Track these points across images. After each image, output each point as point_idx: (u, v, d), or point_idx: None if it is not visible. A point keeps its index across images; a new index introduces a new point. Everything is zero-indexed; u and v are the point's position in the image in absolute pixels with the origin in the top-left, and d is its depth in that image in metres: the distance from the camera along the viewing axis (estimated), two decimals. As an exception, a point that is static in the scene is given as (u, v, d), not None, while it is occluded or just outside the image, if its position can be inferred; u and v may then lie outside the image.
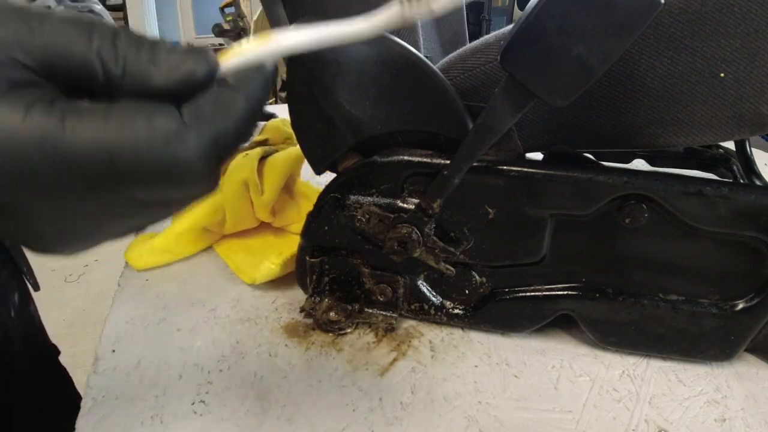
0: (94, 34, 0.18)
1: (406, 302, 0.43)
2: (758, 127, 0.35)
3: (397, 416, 0.35)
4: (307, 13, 0.42)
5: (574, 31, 0.28)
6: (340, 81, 0.37)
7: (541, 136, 0.39)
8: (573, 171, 0.36)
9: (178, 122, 0.18)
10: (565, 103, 0.30)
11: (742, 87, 0.33)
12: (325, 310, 0.43)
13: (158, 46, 0.19)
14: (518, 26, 0.29)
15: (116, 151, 0.17)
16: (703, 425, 0.35)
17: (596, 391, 0.38)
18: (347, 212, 0.40)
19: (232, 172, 0.51)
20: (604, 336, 0.41)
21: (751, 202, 0.35)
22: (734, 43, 0.32)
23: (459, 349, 0.42)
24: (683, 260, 0.38)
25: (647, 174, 0.36)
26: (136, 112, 0.18)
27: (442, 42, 0.64)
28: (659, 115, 0.36)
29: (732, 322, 0.38)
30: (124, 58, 0.18)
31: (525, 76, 0.30)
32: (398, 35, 0.39)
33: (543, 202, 0.37)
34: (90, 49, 0.18)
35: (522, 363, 0.40)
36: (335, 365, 0.40)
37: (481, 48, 0.40)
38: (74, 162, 0.17)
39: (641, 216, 0.37)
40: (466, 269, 0.41)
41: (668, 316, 0.39)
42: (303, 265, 0.43)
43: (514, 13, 4.06)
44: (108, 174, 0.18)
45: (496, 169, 0.37)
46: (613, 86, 0.36)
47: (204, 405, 0.36)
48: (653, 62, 0.34)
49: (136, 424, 0.34)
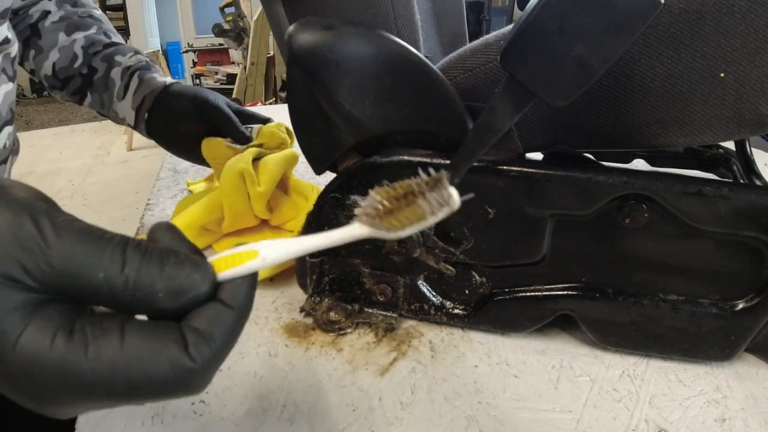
0: (104, 258, 0.20)
1: (406, 302, 0.43)
2: (758, 127, 0.35)
3: (397, 416, 0.35)
4: (306, 13, 0.42)
5: (574, 31, 0.28)
6: (340, 81, 0.37)
7: (541, 136, 0.39)
8: (573, 171, 0.36)
9: (185, 352, 0.20)
10: (565, 103, 0.30)
11: (742, 87, 0.33)
12: (325, 310, 0.43)
13: (165, 264, 0.21)
14: (518, 26, 0.29)
15: (131, 378, 0.20)
16: (703, 425, 0.35)
17: (596, 391, 0.38)
18: (347, 212, 0.40)
19: (229, 167, 0.51)
20: (604, 336, 0.41)
21: (751, 202, 0.35)
22: (734, 43, 0.32)
23: (459, 349, 0.42)
24: (683, 260, 0.38)
25: (647, 174, 0.36)
26: (150, 343, 0.20)
27: (442, 42, 0.64)
28: (659, 115, 0.36)
29: (732, 322, 0.38)
30: (133, 285, 0.20)
31: (525, 76, 0.30)
32: (398, 35, 0.39)
33: (543, 202, 0.37)
34: (98, 277, 0.20)
35: (522, 363, 0.40)
36: (335, 365, 0.40)
37: (481, 48, 0.40)
38: (92, 385, 0.19)
39: (641, 216, 0.37)
40: (466, 269, 0.41)
41: (668, 316, 0.39)
42: (303, 265, 0.43)
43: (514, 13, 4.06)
44: (121, 393, 0.20)
45: (496, 169, 0.37)
46: (613, 86, 0.36)
47: (204, 405, 0.36)
48: (653, 62, 0.34)
49: (136, 424, 0.34)
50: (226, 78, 4.21)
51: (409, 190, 0.23)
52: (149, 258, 0.20)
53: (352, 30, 0.38)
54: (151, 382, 0.20)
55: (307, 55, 0.37)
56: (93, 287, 0.20)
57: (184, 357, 0.20)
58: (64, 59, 0.59)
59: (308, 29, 0.37)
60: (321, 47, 0.37)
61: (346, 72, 0.37)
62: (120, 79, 0.60)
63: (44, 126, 4.43)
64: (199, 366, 0.20)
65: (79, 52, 0.60)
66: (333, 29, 0.37)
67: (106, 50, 0.61)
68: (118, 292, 0.20)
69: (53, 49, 0.59)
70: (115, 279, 0.20)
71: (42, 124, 4.52)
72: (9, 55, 0.45)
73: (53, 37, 0.60)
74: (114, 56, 0.61)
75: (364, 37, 0.38)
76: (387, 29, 0.40)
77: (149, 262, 0.20)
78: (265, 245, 0.23)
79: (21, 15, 0.60)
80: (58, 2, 0.62)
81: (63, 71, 0.60)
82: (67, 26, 0.60)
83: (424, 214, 0.23)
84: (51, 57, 0.59)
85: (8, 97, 0.46)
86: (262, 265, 0.23)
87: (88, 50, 0.60)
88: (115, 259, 0.20)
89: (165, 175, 0.75)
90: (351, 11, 0.41)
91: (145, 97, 0.59)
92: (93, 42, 0.61)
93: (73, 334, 0.19)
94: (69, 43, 0.60)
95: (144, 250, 0.21)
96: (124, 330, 0.20)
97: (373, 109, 0.37)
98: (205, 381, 0.22)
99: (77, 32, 0.60)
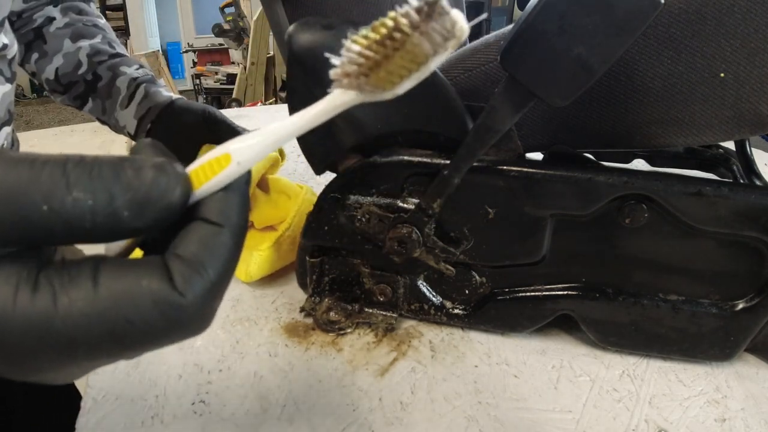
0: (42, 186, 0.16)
1: (406, 302, 0.43)
2: (758, 127, 0.35)
3: (397, 416, 0.35)
4: (306, 13, 0.42)
5: (574, 31, 0.28)
6: (340, 81, 0.37)
7: (541, 136, 0.39)
8: (573, 171, 0.36)
9: (170, 285, 0.17)
10: (565, 103, 0.30)
11: (742, 87, 0.33)
12: (325, 310, 0.43)
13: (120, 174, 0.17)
14: (518, 26, 0.29)
15: (111, 326, 0.17)
16: (703, 425, 0.35)
17: (596, 391, 0.38)
18: (347, 212, 0.40)
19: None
20: (604, 336, 0.41)
21: (751, 202, 0.35)
22: (734, 43, 0.32)
23: (459, 349, 0.42)
24: (683, 260, 0.38)
25: (647, 174, 0.36)
26: (125, 280, 0.17)
27: (442, 42, 0.64)
28: (659, 115, 0.36)
29: (732, 322, 0.38)
30: (89, 210, 0.16)
31: (525, 76, 0.30)
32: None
33: (543, 202, 0.37)
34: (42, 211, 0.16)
35: (522, 363, 0.40)
36: (335, 365, 0.40)
37: (481, 48, 0.40)
38: (69, 342, 0.17)
39: (641, 216, 0.37)
40: (466, 269, 0.41)
41: (668, 316, 0.39)
42: (303, 265, 0.43)
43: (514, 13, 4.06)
44: (104, 345, 0.17)
45: (496, 169, 0.37)
46: (613, 86, 0.36)
47: (204, 405, 0.36)
48: (653, 62, 0.34)
49: (136, 424, 0.34)
50: (226, 78, 4.21)
51: (395, 28, 0.17)
52: (99, 171, 0.17)
53: (353, 30, 0.38)
54: (136, 327, 0.17)
55: (307, 55, 0.37)
56: (41, 225, 0.16)
57: (170, 291, 0.17)
58: (67, 65, 0.60)
59: (308, 29, 0.37)
60: (321, 47, 0.37)
61: (346, 72, 0.36)
62: (125, 89, 0.61)
63: (44, 126, 4.43)
64: (191, 300, 0.17)
65: (84, 59, 0.61)
66: (333, 29, 0.37)
67: (111, 60, 0.62)
68: (72, 222, 0.16)
69: (57, 54, 0.60)
70: (64, 207, 0.16)
71: (42, 124, 4.53)
72: (6, 57, 0.46)
73: (58, 42, 0.60)
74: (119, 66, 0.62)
75: (364, 37, 0.38)
76: (387, 29, 0.40)
77: (100, 176, 0.17)
78: (234, 144, 0.19)
79: (24, 18, 0.60)
80: (63, 10, 0.63)
81: (66, 77, 0.61)
82: (72, 33, 0.61)
83: (424, 54, 0.17)
84: (55, 62, 0.60)
85: (6, 99, 0.47)
86: (239, 170, 0.19)
87: (93, 58, 0.61)
88: (56, 184, 0.16)
89: (165, 175, 0.75)
90: (351, 11, 0.41)
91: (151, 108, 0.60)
92: (98, 51, 0.62)
93: (38, 288, 0.16)
94: (74, 50, 0.61)
95: (90, 164, 0.17)
96: (97, 273, 0.17)
97: (373, 109, 0.37)
98: (202, 319, 0.18)
99: (82, 40, 0.61)
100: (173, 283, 0.17)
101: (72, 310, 0.16)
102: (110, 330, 0.17)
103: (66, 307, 0.16)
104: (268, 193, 0.57)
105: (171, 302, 0.17)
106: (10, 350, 0.17)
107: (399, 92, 0.18)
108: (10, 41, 0.46)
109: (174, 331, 0.18)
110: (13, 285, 0.16)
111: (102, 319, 0.17)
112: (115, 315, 0.17)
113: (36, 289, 0.16)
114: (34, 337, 0.16)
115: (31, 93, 5.42)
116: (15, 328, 0.16)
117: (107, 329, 0.17)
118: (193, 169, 0.19)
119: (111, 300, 0.17)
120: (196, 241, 0.18)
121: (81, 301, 0.17)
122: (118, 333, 0.17)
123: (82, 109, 0.63)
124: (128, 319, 0.17)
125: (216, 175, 0.19)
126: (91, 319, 0.17)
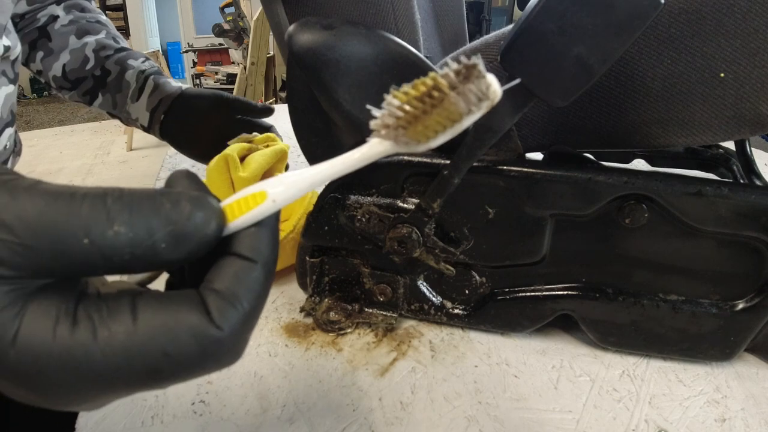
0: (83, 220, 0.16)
1: (406, 302, 0.43)
2: (758, 127, 0.35)
3: (397, 416, 0.35)
4: (306, 13, 0.42)
5: (574, 31, 0.28)
6: (340, 81, 0.37)
7: (541, 136, 0.39)
8: (573, 171, 0.36)
9: (208, 319, 0.18)
10: (565, 103, 0.30)
11: (742, 87, 0.33)
12: (325, 310, 0.43)
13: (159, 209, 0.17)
14: (518, 26, 0.29)
15: (151, 359, 0.17)
16: (703, 425, 0.35)
17: (596, 391, 0.38)
18: (347, 212, 0.40)
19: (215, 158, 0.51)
20: (604, 336, 0.41)
21: (751, 202, 0.35)
22: (734, 43, 0.32)
23: (459, 349, 0.42)
24: (683, 260, 0.38)
25: (647, 174, 0.36)
26: (164, 313, 0.17)
27: (442, 42, 0.64)
28: (659, 115, 0.36)
29: (732, 322, 0.38)
30: (129, 243, 0.17)
31: (525, 76, 0.30)
32: (398, 35, 0.39)
33: (543, 202, 0.37)
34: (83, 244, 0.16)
35: (522, 363, 0.40)
36: (335, 365, 0.40)
37: (481, 48, 0.40)
38: (108, 374, 0.17)
39: (641, 216, 0.37)
40: (466, 269, 0.41)
41: (668, 316, 0.39)
42: (303, 265, 0.43)
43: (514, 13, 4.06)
44: (142, 377, 0.17)
45: (496, 169, 0.37)
46: (613, 86, 0.36)
47: (204, 405, 0.36)
48: (653, 62, 0.34)
49: (136, 424, 0.34)
50: (226, 78, 4.21)
51: (434, 87, 0.18)
52: (139, 205, 0.17)
53: (352, 30, 0.38)
54: (174, 360, 0.17)
55: (307, 55, 0.37)
56: (81, 257, 0.16)
57: (207, 325, 0.17)
58: (74, 61, 0.61)
59: (308, 29, 0.37)
60: (321, 47, 0.37)
61: (346, 72, 0.37)
62: (135, 82, 0.61)
63: (44, 126, 4.43)
64: (228, 333, 0.18)
65: (91, 55, 0.61)
66: (333, 29, 0.37)
67: (118, 54, 0.63)
68: (111, 255, 0.17)
69: (64, 51, 0.61)
70: (104, 240, 0.16)
71: (42, 124, 4.53)
72: (9, 58, 0.46)
73: (64, 39, 0.61)
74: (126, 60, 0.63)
75: (364, 36, 0.38)
76: (387, 29, 0.40)
77: (140, 210, 0.17)
78: (272, 183, 0.20)
79: (28, 18, 0.61)
80: (66, 7, 0.63)
81: (74, 73, 0.61)
82: (77, 30, 0.62)
83: (459, 113, 0.18)
84: (62, 59, 0.61)
85: (9, 99, 0.47)
86: (273, 207, 0.20)
87: (99, 53, 0.62)
88: (97, 217, 0.16)
89: (165, 175, 0.75)
90: (351, 11, 0.41)
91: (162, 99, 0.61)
92: (104, 46, 0.62)
93: (78, 321, 0.17)
94: (80, 46, 0.61)
95: (129, 197, 0.17)
96: (135, 306, 0.17)
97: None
98: (236, 351, 0.19)
99: (88, 36, 0.62)
100: (210, 316, 0.18)
101: (113, 343, 0.17)
102: (149, 362, 0.17)
103: (106, 339, 0.17)
104: None
105: (209, 335, 0.18)
106: (48, 382, 0.17)
107: (432, 146, 0.19)
108: (13, 43, 0.46)
109: (209, 362, 0.18)
110: (53, 317, 0.17)
111: (141, 351, 0.17)
112: (154, 347, 0.17)
113: (76, 321, 0.17)
114: (73, 369, 0.16)
115: (31, 93, 5.42)
116: (54, 361, 0.16)
117: (146, 361, 0.17)
118: (228, 204, 0.20)
119: (150, 333, 0.17)
120: (231, 276, 0.19)
121: (121, 334, 0.17)
122: (156, 365, 0.17)
123: (92, 104, 0.63)
124: (166, 352, 0.17)
125: (250, 210, 0.19)
126: (131, 351, 0.17)
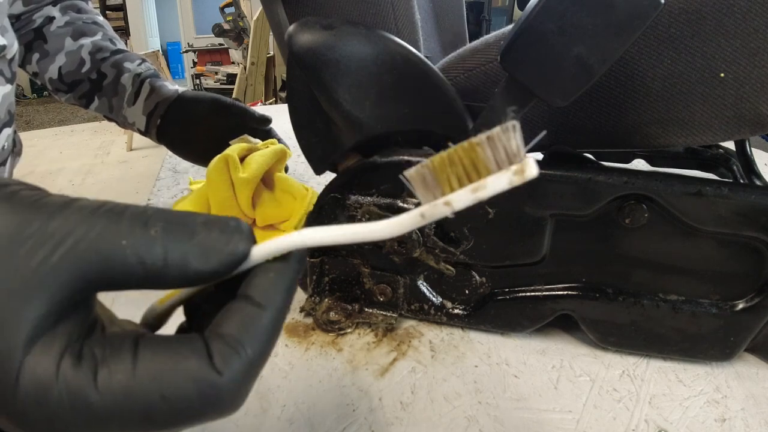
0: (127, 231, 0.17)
1: (406, 302, 0.43)
2: (758, 127, 0.35)
3: (397, 416, 0.35)
4: (306, 13, 0.42)
5: (574, 31, 0.28)
6: (340, 81, 0.37)
7: (541, 136, 0.39)
8: (573, 171, 0.36)
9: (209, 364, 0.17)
10: (565, 103, 0.30)
11: (742, 87, 0.33)
12: (325, 310, 0.43)
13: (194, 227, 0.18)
14: (518, 26, 0.29)
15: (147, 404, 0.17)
16: (703, 425, 0.35)
17: (596, 391, 0.38)
18: (347, 212, 0.40)
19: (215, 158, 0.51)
20: (604, 336, 0.41)
21: (751, 202, 0.35)
22: (734, 43, 0.32)
23: (459, 349, 0.42)
24: (683, 260, 0.38)
25: (647, 174, 0.36)
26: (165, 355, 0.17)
27: (442, 42, 0.64)
28: (659, 115, 0.36)
29: (732, 322, 0.38)
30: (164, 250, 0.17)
31: (525, 76, 0.30)
32: (398, 35, 0.39)
33: (543, 202, 0.37)
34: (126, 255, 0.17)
35: (522, 363, 0.40)
36: (335, 365, 0.40)
37: (481, 48, 0.40)
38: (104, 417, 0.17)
39: (641, 216, 0.37)
40: (466, 269, 0.41)
41: (668, 316, 0.39)
42: (303, 265, 0.43)
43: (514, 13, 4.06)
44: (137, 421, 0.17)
45: (496, 169, 0.37)
46: (613, 86, 0.36)
47: (204, 405, 0.35)
48: (653, 62, 0.34)
49: (136, 424, 0.34)
50: (226, 78, 4.21)
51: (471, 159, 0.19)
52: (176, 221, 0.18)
53: (352, 30, 0.38)
54: (171, 404, 0.17)
55: (307, 55, 0.37)
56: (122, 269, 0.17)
57: (208, 370, 0.17)
58: (70, 63, 0.60)
59: (308, 29, 0.38)
60: (321, 47, 0.37)
61: (346, 72, 0.37)
62: (131, 85, 0.61)
63: (44, 126, 4.43)
64: (228, 380, 0.17)
65: (87, 57, 0.61)
66: (333, 29, 0.37)
67: (114, 57, 0.62)
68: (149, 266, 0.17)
69: (59, 53, 0.60)
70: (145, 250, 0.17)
71: (42, 124, 4.53)
72: (5, 57, 0.45)
73: (59, 41, 0.60)
74: (123, 63, 0.62)
75: (364, 36, 0.38)
76: (387, 29, 0.40)
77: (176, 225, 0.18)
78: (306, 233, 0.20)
79: (24, 19, 0.60)
80: (62, 8, 0.62)
81: (69, 75, 0.60)
82: (73, 31, 0.61)
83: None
84: (57, 61, 0.60)
85: (6, 99, 0.46)
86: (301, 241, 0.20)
87: (95, 56, 0.61)
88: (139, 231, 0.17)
89: (165, 175, 0.75)
90: (351, 11, 0.41)
91: (158, 103, 0.60)
92: (100, 48, 0.61)
93: (82, 358, 0.17)
94: (76, 48, 0.60)
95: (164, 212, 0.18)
96: (137, 347, 0.17)
97: (373, 109, 0.37)
98: (238, 399, 0.18)
99: (84, 38, 0.61)
100: (212, 361, 0.17)
101: (111, 384, 0.16)
102: (145, 405, 0.17)
103: (105, 380, 0.16)
104: (273, 191, 0.57)
105: (208, 380, 0.17)
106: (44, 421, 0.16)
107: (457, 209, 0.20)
108: (9, 41, 0.46)
109: (207, 408, 0.18)
110: (59, 351, 0.16)
111: (139, 392, 0.17)
112: (152, 389, 0.17)
113: (80, 358, 0.17)
114: (69, 408, 0.16)
115: (31, 93, 5.42)
116: (53, 398, 0.16)
117: (143, 404, 0.17)
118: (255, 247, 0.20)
119: (149, 374, 0.17)
120: (238, 321, 0.18)
121: (120, 374, 0.17)
122: (152, 408, 0.17)
123: (88, 107, 0.63)
124: (163, 395, 0.17)
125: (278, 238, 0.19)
126: (129, 394, 0.16)
